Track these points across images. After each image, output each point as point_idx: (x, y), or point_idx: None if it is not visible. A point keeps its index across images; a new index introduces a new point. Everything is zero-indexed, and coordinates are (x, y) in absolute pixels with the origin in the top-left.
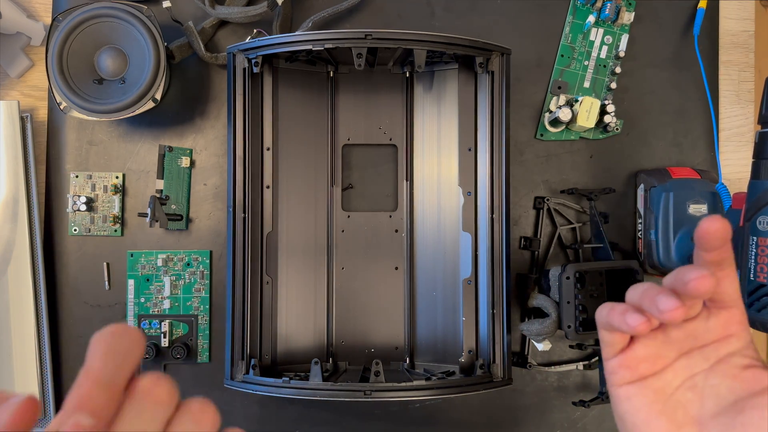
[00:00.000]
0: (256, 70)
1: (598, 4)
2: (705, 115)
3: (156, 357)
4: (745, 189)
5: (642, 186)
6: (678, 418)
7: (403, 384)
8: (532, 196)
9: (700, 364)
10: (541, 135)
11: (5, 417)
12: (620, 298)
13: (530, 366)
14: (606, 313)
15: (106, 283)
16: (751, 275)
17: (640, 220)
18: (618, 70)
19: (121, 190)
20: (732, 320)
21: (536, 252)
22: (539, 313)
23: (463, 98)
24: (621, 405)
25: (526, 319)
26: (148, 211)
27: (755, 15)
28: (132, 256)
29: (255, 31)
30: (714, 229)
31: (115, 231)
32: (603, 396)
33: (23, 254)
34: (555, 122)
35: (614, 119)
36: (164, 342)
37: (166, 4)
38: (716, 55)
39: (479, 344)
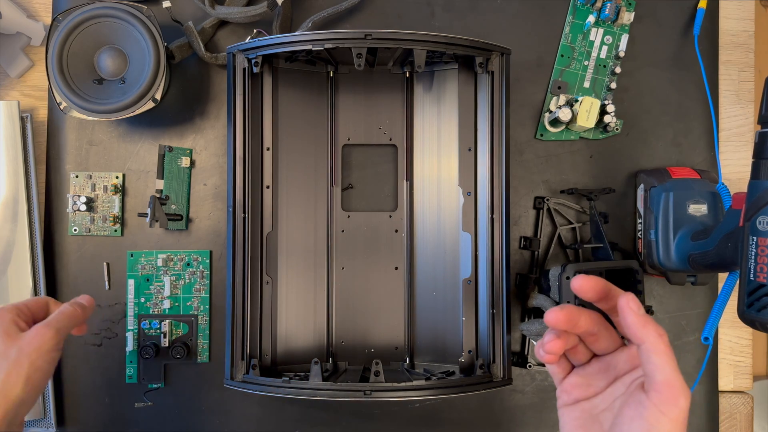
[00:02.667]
0: (256, 70)
1: (598, 4)
2: (705, 115)
3: (156, 357)
4: (745, 189)
5: (642, 186)
6: (593, 430)
7: (403, 384)
8: (532, 196)
9: (620, 390)
10: (541, 135)
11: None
12: None
13: (530, 366)
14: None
15: (106, 283)
16: (751, 275)
17: (640, 220)
18: (618, 70)
19: (121, 190)
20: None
21: (536, 252)
22: (539, 313)
23: (463, 98)
24: (560, 421)
25: (526, 319)
26: (148, 211)
27: (755, 15)
28: (132, 256)
29: (255, 31)
30: (578, 286)
31: (115, 231)
32: None
33: (23, 254)
34: (555, 122)
35: (614, 119)
36: (164, 342)
37: (166, 4)
38: (716, 55)
39: (479, 344)
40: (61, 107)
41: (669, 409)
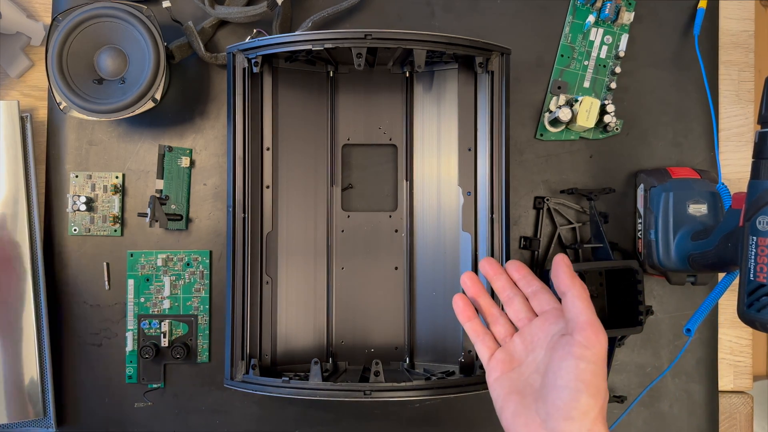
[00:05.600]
0: (255, 70)
1: (598, 4)
2: (705, 115)
3: (156, 357)
4: (745, 189)
5: (642, 186)
6: (525, 392)
7: (403, 384)
8: (532, 196)
9: (540, 355)
10: (541, 135)
11: None
12: (620, 297)
13: None
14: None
15: (106, 283)
16: (751, 275)
17: (639, 220)
18: (618, 70)
19: (121, 190)
20: (550, 315)
21: (536, 252)
22: None
23: (462, 98)
24: (492, 395)
25: None
26: (148, 211)
27: (755, 15)
28: (132, 256)
29: (255, 31)
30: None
31: (115, 231)
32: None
33: (23, 254)
34: (555, 122)
35: (614, 119)
36: (164, 342)
37: (166, 4)
38: (716, 55)
39: None
40: (61, 107)
41: (592, 344)
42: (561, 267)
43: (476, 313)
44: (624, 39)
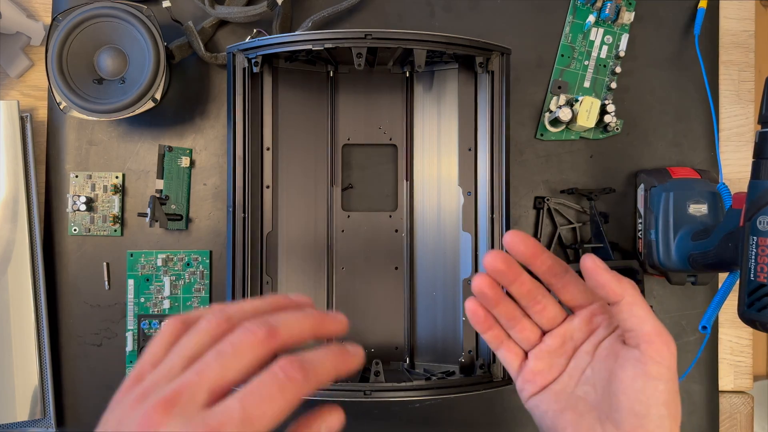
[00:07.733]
0: (256, 69)
1: (598, 4)
2: (705, 115)
3: None
4: (745, 189)
5: (642, 186)
6: (580, 408)
7: (403, 384)
8: (532, 196)
9: (584, 360)
10: (541, 135)
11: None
12: None
13: None
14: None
15: (106, 283)
16: (751, 275)
17: (640, 220)
18: (618, 69)
19: (121, 190)
20: (592, 315)
21: None
22: None
23: (463, 98)
24: (534, 414)
25: None
26: (148, 211)
27: (755, 15)
28: (132, 256)
29: (255, 30)
30: (509, 241)
31: (115, 231)
32: None
33: (23, 254)
34: (555, 122)
35: (614, 119)
36: None
37: (166, 4)
38: (716, 55)
39: (479, 344)
40: (61, 107)
41: (663, 356)
42: (599, 272)
43: (495, 321)
44: (624, 39)
